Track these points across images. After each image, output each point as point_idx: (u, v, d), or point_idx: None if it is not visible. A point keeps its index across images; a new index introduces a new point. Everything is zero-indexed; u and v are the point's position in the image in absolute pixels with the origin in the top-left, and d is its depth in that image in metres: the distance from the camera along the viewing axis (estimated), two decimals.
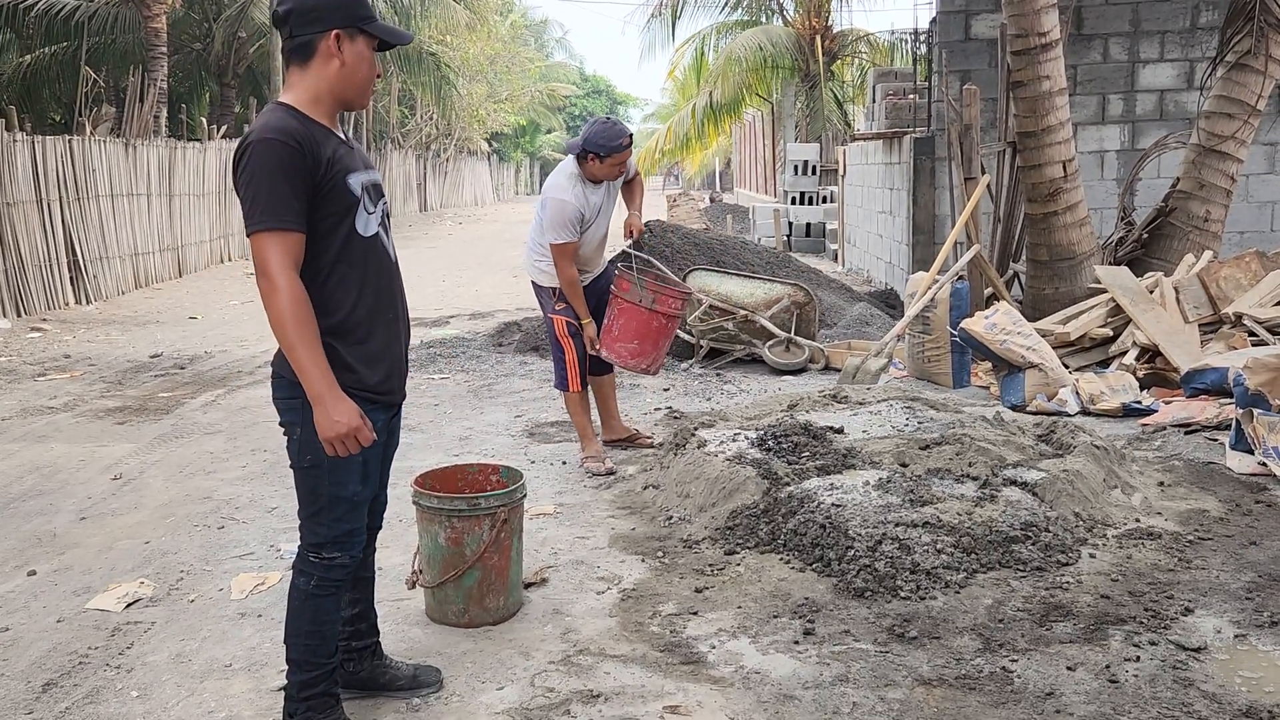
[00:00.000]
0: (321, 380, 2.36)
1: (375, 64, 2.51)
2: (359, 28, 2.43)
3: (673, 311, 4.96)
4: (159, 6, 15.48)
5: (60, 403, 6.70)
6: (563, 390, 5.09)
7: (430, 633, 3.26)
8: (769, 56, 19.84)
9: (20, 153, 10.38)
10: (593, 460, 4.95)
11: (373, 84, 2.52)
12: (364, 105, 2.55)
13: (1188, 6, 9.18)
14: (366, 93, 2.50)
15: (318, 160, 2.37)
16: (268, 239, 2.32)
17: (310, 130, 2.39)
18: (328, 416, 2.36)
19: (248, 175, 2.33)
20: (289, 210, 2.32)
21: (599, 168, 4.77)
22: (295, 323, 2.33)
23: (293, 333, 2.33)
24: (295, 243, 2.35)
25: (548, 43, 52.61)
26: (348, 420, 2.38)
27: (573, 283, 4.86)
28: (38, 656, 3.17)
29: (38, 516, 4.48)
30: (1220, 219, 7.33)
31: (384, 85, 28.26)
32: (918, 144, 9.78)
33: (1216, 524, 4.00)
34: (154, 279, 13.21)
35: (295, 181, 2.33)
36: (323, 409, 2.36)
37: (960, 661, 2.95)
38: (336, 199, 2.42)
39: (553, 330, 5.02)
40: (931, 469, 4.14)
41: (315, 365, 2.35)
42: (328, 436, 2.38)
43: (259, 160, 2.32)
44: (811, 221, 17.32)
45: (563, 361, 5.02)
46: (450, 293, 12.42)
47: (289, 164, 2.32)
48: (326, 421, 2.37)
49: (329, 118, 2.47)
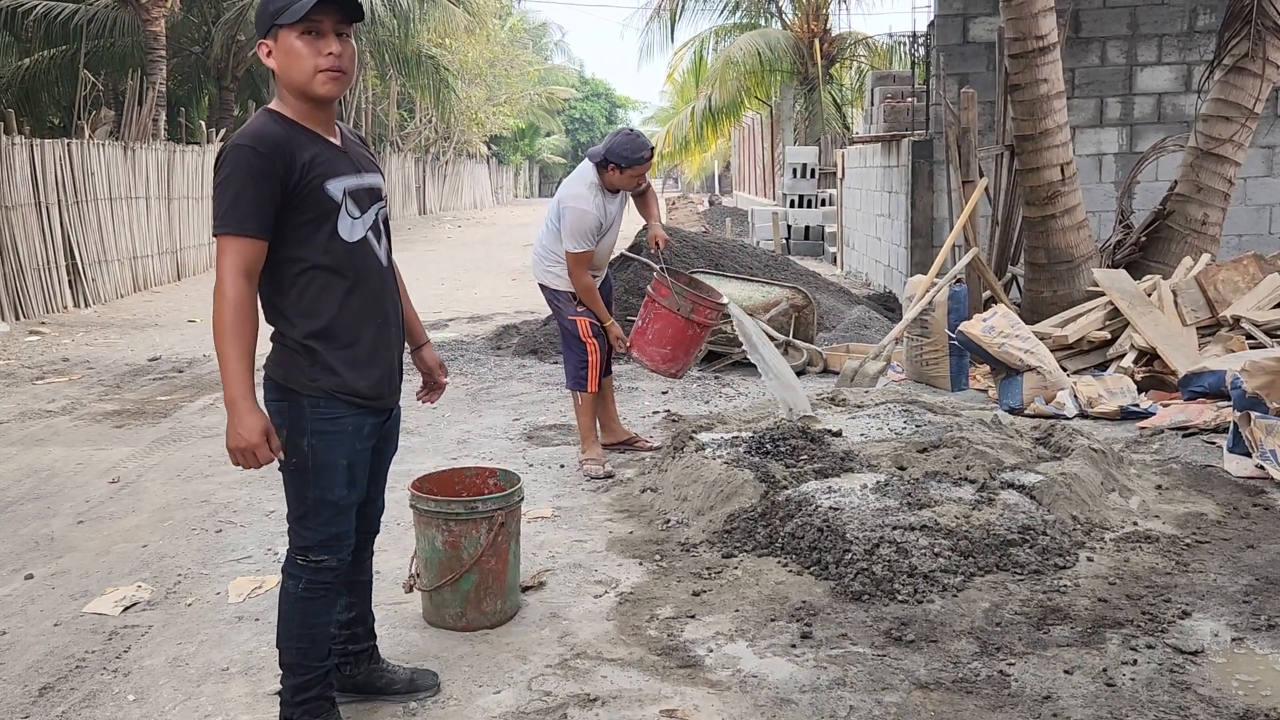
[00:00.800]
0: (238, 386, 2.35)
1: (311, 47, 2.38)
2: (274, 25, 2.40)
3: (709, 322, 5.08)
4: (158, 10, 15.49)
5: (58, 406, 6.70)
6: (580, 390, 5.03)
7: (427, 636, 3.25)
8: (767, 60, 19.87)
9: (19, 156, 10.39)
10: (592, 463, 4.95)
11: (323, 69, 2.39)
12: (326, 92, 2.42)
13: (1185, 10, 9.20)
14: (314, 80, 2.39)
15: (289, 166, 2.37)
16: (226, 243, 2.35)
17: (290, 134, 2.40)
18: (233, 426, 2.37)
19: (220, 179, 2.37)
20: (250, 217, 2.34)
21: (619, 178, 4.84)
22: (230, 328, 2.34)
23: (225, 336, 2.34)
24: (251, 249, 2.36)
25: (546, 46, 52.65)
26: (248, 435, 2.36)
27: (590, 289, 4.91)
28: (35, 660, 3.16)
29: (35, 520, 4.48)
30: (1218, 222, 7.34)
31: (383, 88, 28.31)
32: (916, 147, 9.79)
33: (1214, 527, 4.00)
34: (153, 282, 13.21)
35: (263, 188, 2.34)
36: (231, 418, 2.37)
37: (958, 665, 2.95)
38: (312, 204, 2.41)
39: (575, 331, 4.99)
40: (929, 472, 4.15)
41: (235, 371, 2.35)
42: (229, 445, 2.39)
43: (231, 165, 2.35)
44: (810, 224, 17.33)
45: (585, 363, 5.00)
46: (449, 295, 12.43)
47: (257, 170, 2.33)
48: (231, 431, 2.37)
49: (308, 117, 2.46)
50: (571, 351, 5.06)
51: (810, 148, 18.55)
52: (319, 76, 2.40)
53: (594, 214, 4.80)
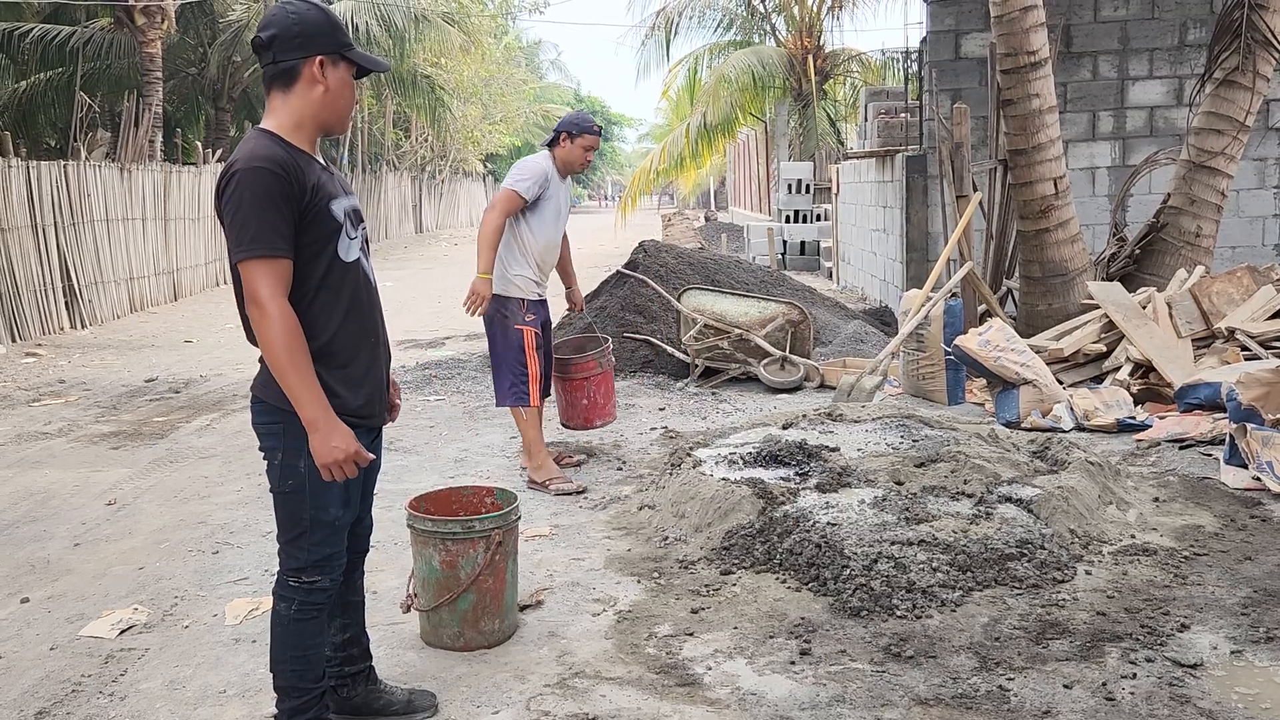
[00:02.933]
0: (316, 405, 2.36)
1: (354, 91, 2.55)
2: (340, 54, 2.46)
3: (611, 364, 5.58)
4: (154, 32, 15.55)
5: (55, 428, 6.69)
6: (519, 405, 4.96)
7: (425, 656, 3.24)
8: (760, 77, 19.95)
9: (15, 178, 10.41)
10: (558, 480, 4.94)
11: (351, 111, 2.56)
12: (344, 130, 2.58)
13: (1176, 24, 9.26)
14: (346, 118, 2.54)
15: (303, 187, 2.38)
16: (257, 266, 2.32)
17: (294, 157, 2.41)
18: (325, 442, 2.36)
19: (235, 203, 2.33)
20: (278, 237, 2.34)
21: (570, 150, 5.00)
22: (288, 351, 2.33)
23: (285, 360, 2.33)
24: (285, 269, 2.36)
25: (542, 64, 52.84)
26: (344, 445, 2.38)
27: (496, 232, 4.79)
28: (30, 684, 3.15)
29: (31, 543, 4.47)
30: (1212, 234, 7.36)
31: (379, 108, 28.39)
32: (910, 162, 9.83)
33: (1212, 539, 4.00)
34: (149, 303, 13.21)
35: (283, 209, 2.34)
36: (319, 435, 2.36)
37: (957, 680, 2.94)
38: (320, 225, 2.43)
39: (519, 343, 4.92)
40: (927, 487, 4.14)
41: (308, 391, 2.36)
42: (325, 462, 2.38)
43: (247, 188, 2.32)
44: (806, 239, 17.37)
45: (524, 377, 4.94)
46: (445, 313, 12.43)
47: (276, 192, 2.33)
48: (324, 447, 2.37)
49: (310, 143, 2.50)
50: (505, 366, 4.97)
51: (805, 163, 18.60)
52: (348, 115, 2.55)
53: (544, 165, 4.96)
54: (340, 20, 2.51)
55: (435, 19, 20.89)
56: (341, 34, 2.48)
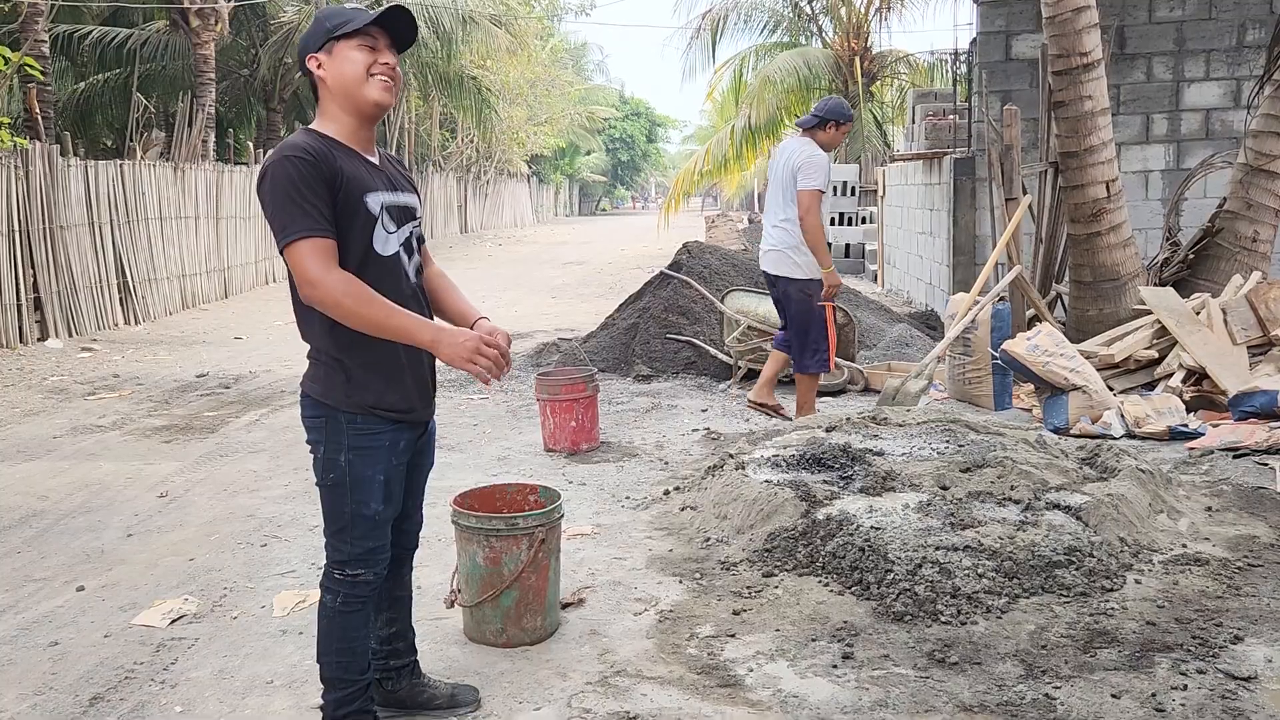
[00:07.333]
0: (421, 329, 2.38)
1: (368, 55, 2.44)
2: (329, 39, 2.45)
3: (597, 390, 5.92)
4: (208, 34, 15.85)
5: (109, 421, 6.83)
6: (824, 370, 5.90)
7: (468, 652, 3.27)
8: (805, 78, 19.86)
9: (74, 178, 10.66)
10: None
11: (373, 77, 2.43)
12: (378, 100, 2.44)
13: (1234, 25, 9.07)
14: (367, 84, 2.44)
15: (335, 174, 2.39)
16: (302, 247, 2.33)
17: (328, 147, 2.42)
18: (450, 351, 2.37)
19: (271, 194, 2.36)
20: (317, 216, 2.35)
21: (834, 136, 5.72)
22: (361, 302, 2.34)
23: (366, 311, 2.35)
24: (329, 247, 2.36)
25: (587, 66, 53.05)
26: (468, 341, 2.38)
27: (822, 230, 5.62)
28: (85, 670, 3.22)
29: (86, 533, 4.57)
30: (1269, 239, 7.21)
31: (425, 109, 28.67)
32: (958, 164, 9.73)
33: (1267, 550, 3.92)
34: (201, 300, 13.46)
35: (318, 190, 2.35)
36: (444, 348, 2.37)
37: (1002, 688, 2.91)
38: (351, 214, 2.42)
39: (823, 317, 5.78)
40: (973, 492, 4.10)
41: (405, 322, 2.37)
42: (460, 365, 2.37)
43: (280, 177, 2.35)
44: (851, 242, 17.26)
45: (826, 347, 5.82)
46: (490, 313, 12.45)
47: (308, 175, 2.35)
48: (451, 355, 2.37)
49: (350, 135, 2.49)
50: (809, 337, 5.80)
51: (851, 165, 18.48)
52: (372, 80, 2.44)
53: (827, 158, 5.61)
54: (340, 11, 2.48)
55: (483, 21, 21.06)
56: (333, 22, 2.45)
